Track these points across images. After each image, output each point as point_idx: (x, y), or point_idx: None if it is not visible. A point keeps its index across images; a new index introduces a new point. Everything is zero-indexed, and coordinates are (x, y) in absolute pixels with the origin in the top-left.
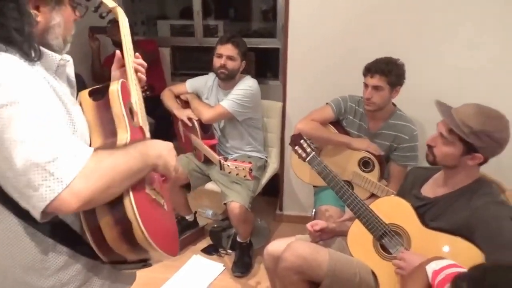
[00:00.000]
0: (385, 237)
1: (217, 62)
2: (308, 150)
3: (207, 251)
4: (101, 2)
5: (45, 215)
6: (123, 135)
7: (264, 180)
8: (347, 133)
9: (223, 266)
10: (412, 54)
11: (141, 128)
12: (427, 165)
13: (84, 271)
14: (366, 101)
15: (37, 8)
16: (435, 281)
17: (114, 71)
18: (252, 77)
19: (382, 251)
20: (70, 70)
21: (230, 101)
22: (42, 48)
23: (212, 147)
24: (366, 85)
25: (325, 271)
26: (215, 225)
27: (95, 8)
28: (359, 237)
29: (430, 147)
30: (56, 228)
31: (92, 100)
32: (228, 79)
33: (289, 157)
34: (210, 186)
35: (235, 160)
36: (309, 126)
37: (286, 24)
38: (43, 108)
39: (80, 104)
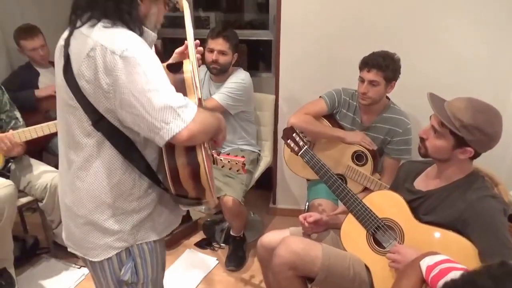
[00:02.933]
0: (379, 231)
1: (208, 57)
2: (301, 143)
3: (201, 245)
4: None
5: (166, 142)
6: (193, 101)
7: (257, 174)
8: (340, 126)
9: (217, 260)
10: (408, 46)
11: (200, 99)
12: (420, 159)
13: (156, 200)
14: (361, 95)
15: None
16: (429, 276)
17: (175, 54)
18: (244, 69)
19: (375, 245)
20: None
21: (222, 95)
22: (143, 26)
23: None
24: (362, 79)
25: (318, 266)
26: (209, 219)
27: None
28: (352, 231)
29: (422, 139)
30: (142, 164)
31: (170, 71)
32: (220, 74)
33: (282, 151)
34: None
35: (228, 154)
36: (302, 120)
37: (279, 16)
38: (161, 68)
39: None
